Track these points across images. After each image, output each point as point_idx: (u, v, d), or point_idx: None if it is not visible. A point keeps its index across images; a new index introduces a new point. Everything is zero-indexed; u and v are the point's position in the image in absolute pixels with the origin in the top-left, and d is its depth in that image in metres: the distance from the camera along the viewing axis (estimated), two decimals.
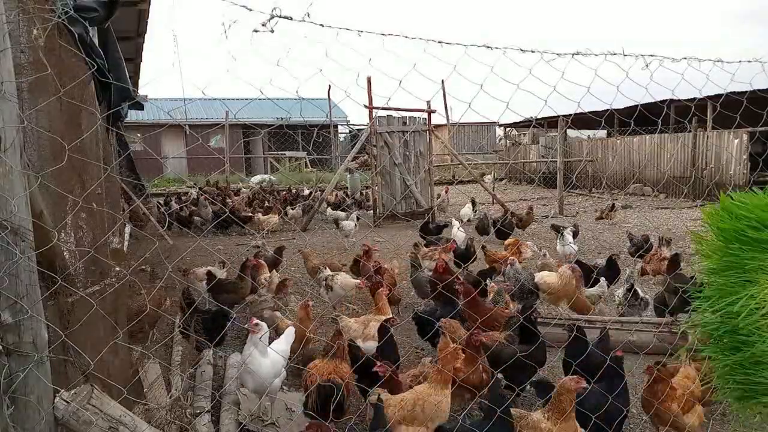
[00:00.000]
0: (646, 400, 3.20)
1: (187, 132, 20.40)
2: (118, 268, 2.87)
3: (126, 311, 3.44)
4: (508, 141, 27.82)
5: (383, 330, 3.73)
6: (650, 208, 14.59)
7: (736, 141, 14.86)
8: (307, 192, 14.96)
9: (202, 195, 12.04)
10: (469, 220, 11.44)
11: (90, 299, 2.23)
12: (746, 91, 4.61)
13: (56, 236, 2.05)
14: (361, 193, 15.44)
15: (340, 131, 29.89)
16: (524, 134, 27.24)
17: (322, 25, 2.34)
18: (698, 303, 1.33)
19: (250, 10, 2.16)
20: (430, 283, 5.19)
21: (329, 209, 12.15)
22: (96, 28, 3.56)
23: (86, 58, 2.60)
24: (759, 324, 1.07)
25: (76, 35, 2.46)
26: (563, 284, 5.35)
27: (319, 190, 13.88)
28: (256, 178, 21.59)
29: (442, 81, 16.76)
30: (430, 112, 13.13)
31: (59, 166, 2.09)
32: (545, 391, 3.20)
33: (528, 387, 3.76)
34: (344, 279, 5.63)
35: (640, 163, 18.50)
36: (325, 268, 5.87)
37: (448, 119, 25.39)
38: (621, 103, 3.38)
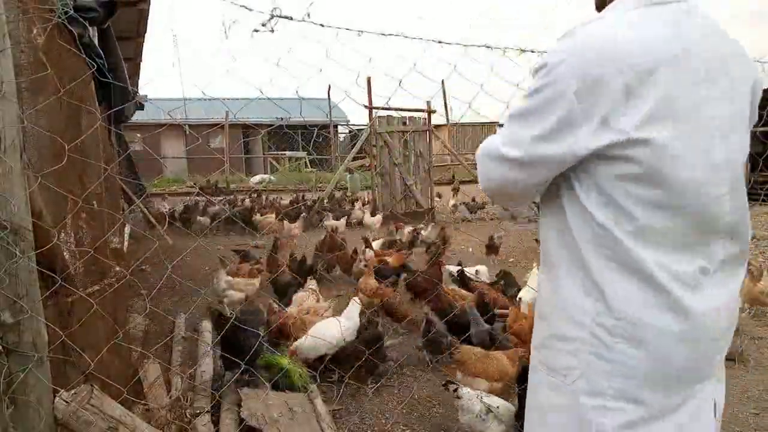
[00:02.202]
0: None
1: (187, 132, 20.40)
2: (117, 268, 2.87)
3: None
4: None
5: None
6: None
7: None
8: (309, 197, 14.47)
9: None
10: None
11: (90, 299, 2.23)
12: None
13: (56, 236, 2.05)
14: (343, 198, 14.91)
15: (340, 131, 29.91)
16: None
17: (322, 25, 2.35)
18: None
19: (250, 10, 2.17)
20: None
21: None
22: (96, 28, 3.55)
23: (86, 58, 2.60)
24: None
25: (76, 35, 2.46)
26: None
27: (319, 190, 13.86)
28: (255, 178, 21.59)
29: (442, 81, 16.78)
30: (430, 112, 13.12)
31: (59, 166, 2.09)
32: None
33: None
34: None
35: None
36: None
37: (448, 119, 25.40)
38: None
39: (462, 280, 5.73)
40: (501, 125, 1.45)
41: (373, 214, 11.28)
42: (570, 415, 1.31)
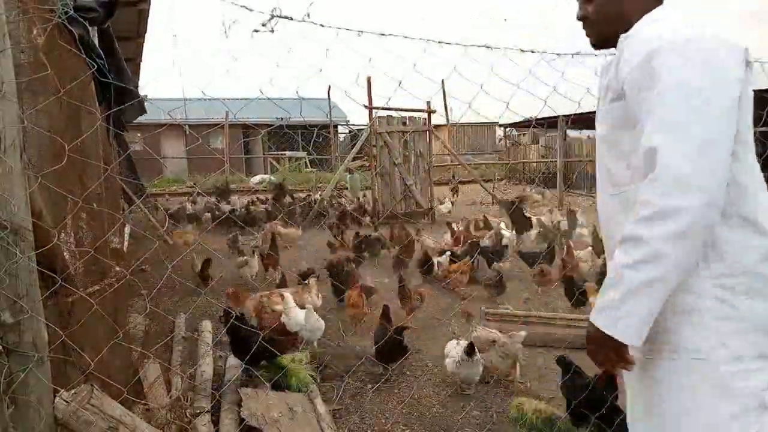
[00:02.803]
0: None
1: (187, 132, 20.39)
2: (118, 268, 2.87)
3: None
4: (508, 141, 27.84)
5: None
6: None
7: None
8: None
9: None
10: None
11: (90, 299, 2.24)
12: None
13: (56, 236, 2.05)
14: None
15: (340, 131, 29.92)
16: (524, 134, 27.25)
17: (322, 25, 2.35)
18: None
19: (250, 10, 2.17)
20: None
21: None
22: (97, 29, 3.55)
23: (86, 59, 2.60)
24: None
25: (76, 35, 2.46)
26: None
27: (319, 190, 13.83)
28: (255, 178, 21.57)
29: (442, 81, 16.79)
30: (430, 112, 13.12)
31: (59, 166, 2.09)
32: None
33: None
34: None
35: None
36: None
37: (448, 119, 25.41)
38: None
39: None
40: (500, 125, 1.46)
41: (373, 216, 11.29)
42: (713, 390, 1.25)
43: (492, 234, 8.34)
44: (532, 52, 2.82)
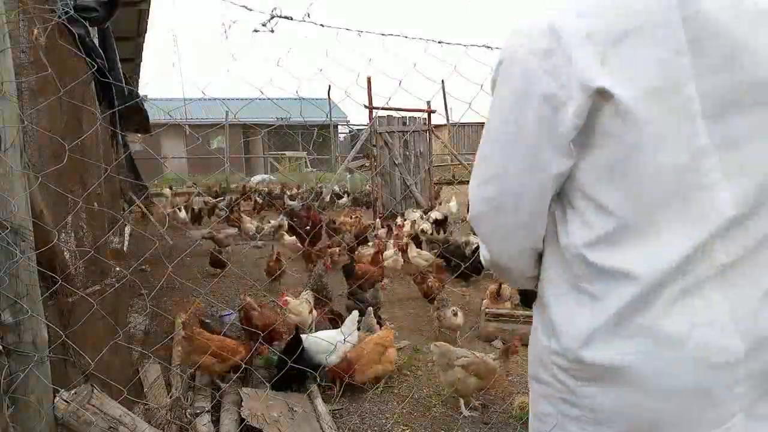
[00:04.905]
0: None
1: (187, 132, 20.38)
2: (118, 268, 2.87)
3: None
4: None
5: None
6: None
7: None
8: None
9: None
10: None
11: (90, 299, 2.24)
12: None
13: (56, 236, 2.05)
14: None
15: (340, 131, 29.93)
16: None
17: (322, 25, 2.35)
18: None
19: (250, 10, 2.17)
20: None
21: None
22: (96, 28, 3.56)
23: (86, 59, 2.60)
24: None
25: (77, 35, 2.46)
26: None
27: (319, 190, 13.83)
28: (256, 178, 21.57)
29: (442, 81, 16.79)
30: (430, 112, 13.13)
31: (59, 166, 2.09)
32: None
33: None
34: None
35: None
36: None
37: (448, 119, 25.42)
38: None
39: None
40: None
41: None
42: None
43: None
44: None
